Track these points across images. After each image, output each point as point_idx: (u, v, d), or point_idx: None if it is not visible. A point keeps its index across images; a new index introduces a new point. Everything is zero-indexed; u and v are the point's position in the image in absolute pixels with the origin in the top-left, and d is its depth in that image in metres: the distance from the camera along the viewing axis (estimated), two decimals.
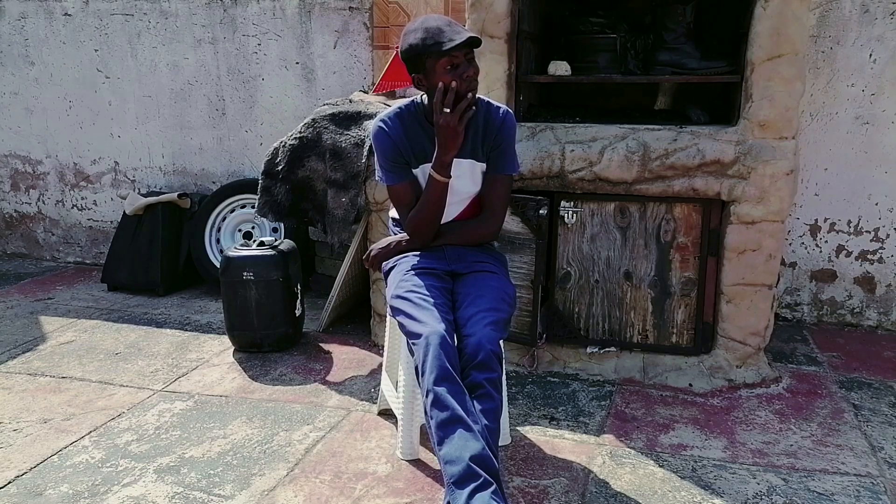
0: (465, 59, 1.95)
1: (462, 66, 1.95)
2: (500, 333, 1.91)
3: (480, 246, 2.20)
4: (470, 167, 2.12)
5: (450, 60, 1.93)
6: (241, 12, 4.04)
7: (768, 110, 2.53)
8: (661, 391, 2.70)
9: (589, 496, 2.04)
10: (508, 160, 2.14)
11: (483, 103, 2.12)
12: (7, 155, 4.67)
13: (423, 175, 2.11)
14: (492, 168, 2.14)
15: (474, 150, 2.11)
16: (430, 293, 1.97)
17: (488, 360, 1.82)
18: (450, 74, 1.94)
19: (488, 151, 2.12)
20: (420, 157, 2.10)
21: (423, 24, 1.97)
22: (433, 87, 1.97)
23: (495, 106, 2.14)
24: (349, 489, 2.09)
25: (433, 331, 1.83)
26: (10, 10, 4.40)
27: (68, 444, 2.36)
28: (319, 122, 3.18)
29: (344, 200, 3.07)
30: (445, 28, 1.94)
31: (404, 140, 2.09)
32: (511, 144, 2.14)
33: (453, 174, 2.06)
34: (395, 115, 2.11)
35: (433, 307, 1.92)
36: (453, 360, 1.81)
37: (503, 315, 1.96)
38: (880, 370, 2.90)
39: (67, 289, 4.12)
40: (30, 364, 3.02)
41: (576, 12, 3.00)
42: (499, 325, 1.92)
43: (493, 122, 2.11)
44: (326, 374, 2.90)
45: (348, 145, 3.12)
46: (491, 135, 2.11)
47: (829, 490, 2.06)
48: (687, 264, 2.73)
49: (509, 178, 2.18)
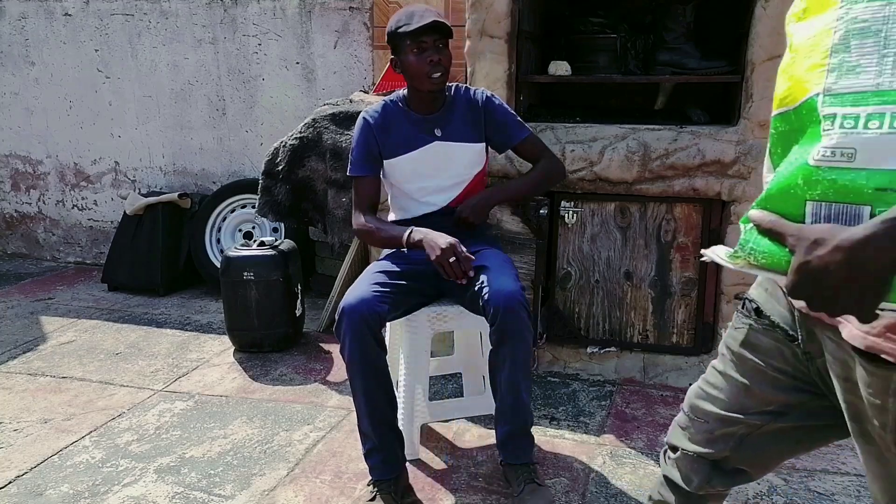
0: (433, 45, 2.02)
1: (429, 52, 2.02)
2: (517, 284, 1.98)
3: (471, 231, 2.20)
4: (461, 150, 2.16)
5: (417, 44, 2.01)
6: (241, 12, 4.04)
7: (768, 110, 2.53)
8: (661, 391, 2.70)
9: (589, 496, 2.04)
10: (514, 128, 2.22)
11: (461, 90, 2.20)
12: (7, 155, 4.67)
13: (405, 163, 2.14)
14: (507, 142, 2.24)
15: (463, 133, 2.16)
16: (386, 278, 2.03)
17: (512, 305, 1.89)
18: (416, 57, 2.01)
19: (489, 131, 2.20)
20: (405, 145, 2.14)
21: (405, 9, 2.06)
22: (406, 70, 2.07)
23: (473, 89, 2.22)
24: (349, 489, 2.09)
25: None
26: (10, 10, 4.40)
27: (69, 444, 2.36)
28: (320, 122, 3.18)
29: (344, 200, 3.07)
30: (418, 12, 2.02)
31: (383, 133, 2.13)
32: (506, 115, 2.21)
33: (444, 156, 2.14)
34: (381, 107, 2.18)
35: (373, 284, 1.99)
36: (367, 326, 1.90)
37: (513, 271, 2.04)
38: None
39: (68, 289, 4.12)
40: (30, 364, 3.03)
41: (576, 12, 3.00)
42: (514, 277, 2.00)
43: (475, 104, 2.18)
44: (327, 374, 2.90)
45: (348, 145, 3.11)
46: (479, 116, 2.18)
47: (829, 490, 2.06)
48: (687, 264, 2.73)
49: (530, 135, 2.25)
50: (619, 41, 2.84)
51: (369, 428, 1.97)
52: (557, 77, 2.83)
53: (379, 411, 1.96)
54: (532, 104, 3.02)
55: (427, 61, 2.02)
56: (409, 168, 2.15)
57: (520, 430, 2.01)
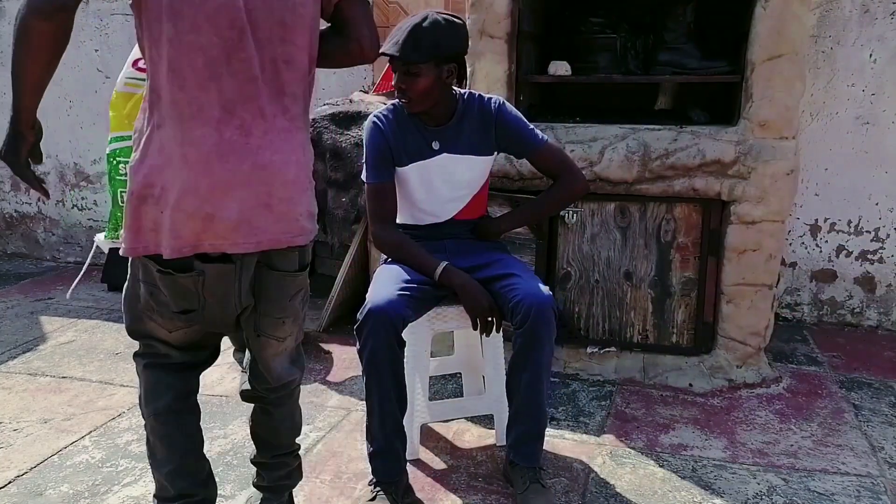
0: (400, 70, 1.98)
1: (397, 77, 2.00)
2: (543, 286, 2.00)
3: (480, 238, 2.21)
4: (468, 163, 2.12)
5: (392, 64, 2.00)
6: None
7: (768, 110, 2.53)
8: (661, 391, 2.70)
9: (589, 496, 2.04)
10: (529, 137, 2.14)
11: (475, 99, 2.14)
12: None
13: (412, 173, 2.11)
14: (522, 152, 2.18)
15: (472, 146, 2.11)
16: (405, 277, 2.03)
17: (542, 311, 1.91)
18: (394, 79, 2.02)
19: (502, 144, 2.15)
20: (411, 155, 2.10)
21: (398, 25, 1.99)
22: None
23: (486, 99, 2.15)
24: (349, 489, 2.09)
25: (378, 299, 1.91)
26: (10, 10, 4.40)
27: (68, 444, 2.36)
28: (319, 122, 3.18)
29: (344, 200, 3.08)
30: (395, 35, 1.95)
31: (395, 137, 2.09)
32: (519, 125, 2.14)
33: (450, 169, 2.10)
34: (390, 111, 2.12)
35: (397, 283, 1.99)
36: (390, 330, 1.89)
37: (537, 278, 2.05)
38: (881, 370, 2.89)
39: (67, 289, 4.11)
40: (30, 364, 3.02)
41: (576, 12, 3.00)
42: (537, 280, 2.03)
43: (489, 115, 2.12)
44: (326, 374, 2.90)
45: (348, 145, 3.12)
46: (492, 128, 2.12)
47: (829, 490, 2.06)
48: (687, 264, 2.73)
49: (546, 147, 2.16)
50: (619, 41, 2.84)
51: (378, 430, 1.96)
52: (557, 77, 2.84)
53: (390, 414, 1.96)
54: (532, 104, 3.02)
55: (397, 86, 2.01)
56: (415, 178, 2.11)
57: (535, 433, 2.02)
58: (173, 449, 1.60)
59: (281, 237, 1.46)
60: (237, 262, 1.48)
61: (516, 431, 2.02)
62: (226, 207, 1.41)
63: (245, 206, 1.41)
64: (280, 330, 1.58)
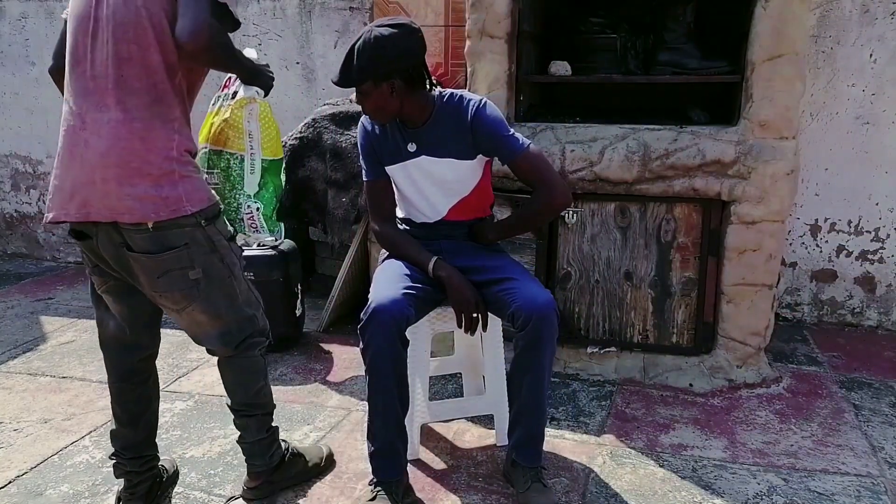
0: (357, 90, 1.98)
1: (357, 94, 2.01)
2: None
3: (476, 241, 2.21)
4: (449, 166, 2.07)
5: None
6: (241, 12, 4.04)
7: (768, 110, 2.53)
8: (661, 391, 2.70)
9: (589, 496, 2.04)
10: (507, 144, 2.00)
11: (454, 100, 2.04)
12: (7, 155, 4.67)
13: (395, 172, 2.13)
14: (502, 159, 2.05)
15: (450, 149, 2.05)
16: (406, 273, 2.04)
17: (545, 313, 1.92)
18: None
19: (481, 148, 2.05)
20: (394, 155, 2.11)
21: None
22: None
23: (466, 101, 2.03)
24: (349, 489, 2.09)
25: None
26: (10, 10, 4.40)
27: (69, 444, 2.37)
28: (320, 122, 3.19)
29: (344, 200, 3.08)
30: (343, 59, 1.93)
31: (379, 137, 2.11)
32: (497, 129, 2.00)
33: (431, 172, 2.09)
34: None
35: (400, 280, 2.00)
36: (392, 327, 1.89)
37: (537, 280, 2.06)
38: (881, 370, 2.89)
39: (68, 289, 4.12)
40: (30, 364, 3.03)
41: (576, 12, 3.00)
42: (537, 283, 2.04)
43: (464, 119, 2.01)
44: (327, 374, 2.90)
45: (348, 145, 3.12)
46: (468, 133, 2.01)
47: (829, 490, 2.06)
48: (687, 264, 2.73)
49: (524, 155, 1.99)
50: (619, 41, 2.85)
51: (380, 429, 1.96)
52: (557, 77, 2.84)
53: (393, 414, 1.95)
54: (532, 104, 3.03)
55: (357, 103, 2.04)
56: (400, 177, 2.13)
57: (537, 433, 2.02)
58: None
59: (105, 212, 1.66)
60: (94, 237, 1.72)
61: (518, 432, 2.02)
62: (66, 181, 1.69)
63: (77, 182, 1.67)
64: (163, 302, 1.79)
